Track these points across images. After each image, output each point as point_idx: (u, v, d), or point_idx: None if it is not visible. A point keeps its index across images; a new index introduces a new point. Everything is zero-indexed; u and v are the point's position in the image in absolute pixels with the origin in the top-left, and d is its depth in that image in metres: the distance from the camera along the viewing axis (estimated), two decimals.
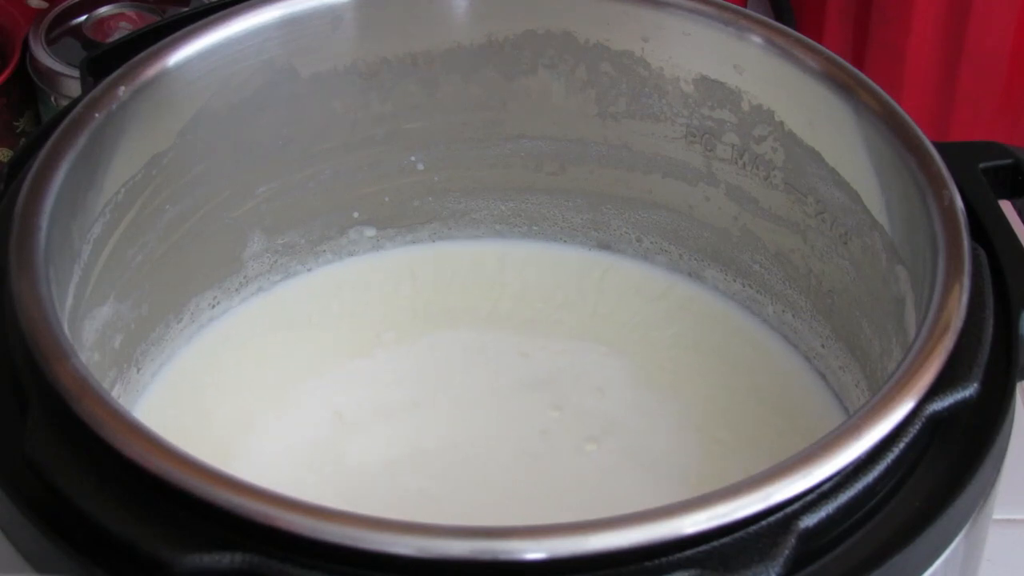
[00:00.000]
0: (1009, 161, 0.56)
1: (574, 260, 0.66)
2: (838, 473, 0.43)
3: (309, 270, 0.65)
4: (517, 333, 0.63)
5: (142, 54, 0.56)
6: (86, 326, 0.54)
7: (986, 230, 0.53)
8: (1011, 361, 0.49)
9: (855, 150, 0.56)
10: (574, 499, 0.56)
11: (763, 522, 0.42)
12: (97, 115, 0.53)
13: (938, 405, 0.46)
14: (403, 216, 0.66)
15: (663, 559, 0.42)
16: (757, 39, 0.58)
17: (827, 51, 0.56)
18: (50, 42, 0.81)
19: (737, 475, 0.43)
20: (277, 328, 0.63)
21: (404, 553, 0.41)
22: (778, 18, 0.88)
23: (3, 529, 0.45)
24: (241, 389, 0.60)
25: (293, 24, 0.59)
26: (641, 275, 0.65)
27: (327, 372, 0.61)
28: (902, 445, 0.45)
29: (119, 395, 0.58)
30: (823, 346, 0.61)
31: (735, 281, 0.64)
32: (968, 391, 0.47)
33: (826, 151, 0.57)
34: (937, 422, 0.47)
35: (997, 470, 0.48)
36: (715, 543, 0.42)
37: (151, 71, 0.56)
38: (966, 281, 0.48)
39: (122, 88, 0.55)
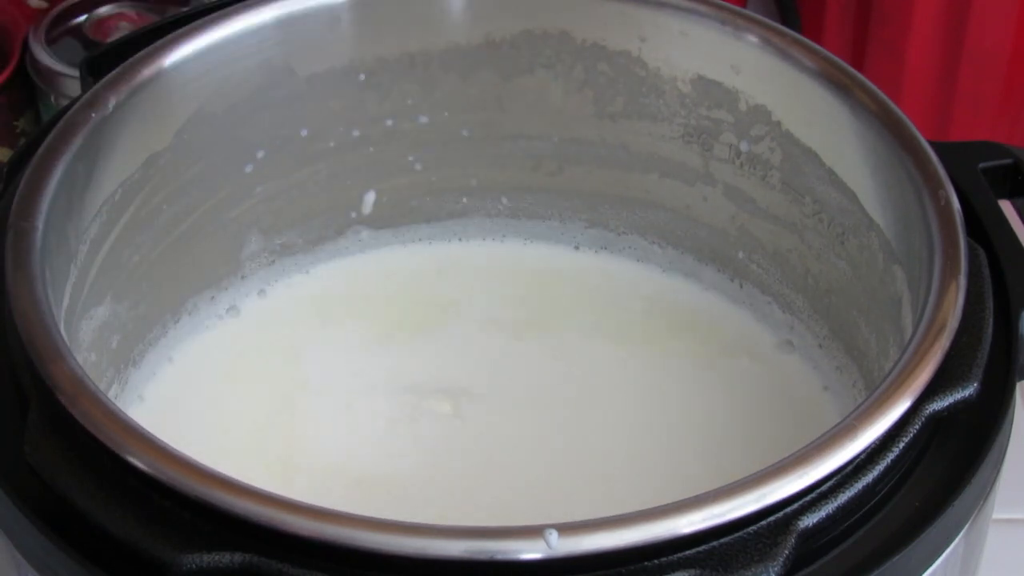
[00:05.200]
0: (1009, 161, 0.56)
1: (571, 259, 0.66)
2: (835, 473, 0.43)
3: (307, 271, 0.65)
4: (514, 332, 0.63)
5: (139, 54, 0.56)
6: (83, 326, 0.54)
7: (986, 230, 0.53)
8: (1011, 361, 0.49)
9: (852, 150, 0.56)
10: (572, 499, 0.56)
11: (762, 522, 0.42)
12: (94, 115, 0.53)
13: (938, 405, 0.46)
14: (401, 216, 0.66)
15: (662, 559, 0.42)
16: (754, 39, 0.58)
17: (824, 51, 0.57)
18: (50, 42, 0.81)
19: (735, 475, 0.43)
20: (274, 329, 0.63)
21: (402, 553, 0.41)
22: (783, 20, 0.88)
23: (3, 529, 0.45)
24: (238, 389, 0.60)
25: (291, 24, 0.59)
26: (638, 274, 0.65)
27: (324, 372, 0.61)
28: (901, 445, 0.45)
29: (116, 396, 0.58)
30: (820, 346, 0.61)
31: (732, 281, 0.64)
32: (968, 391, 0.47)
33: (823, 151, 0.57)
34: (937, 422, 0.47)
35: (997, 470, 0.48)
36: (714, 543, 0.42)
37: (148, 71, 0.56)
38: (962, 280, 0.48)
39: (119, 88, 0.55)
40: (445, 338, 0.63)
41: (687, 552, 0.42)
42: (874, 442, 0.44)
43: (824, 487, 0.43)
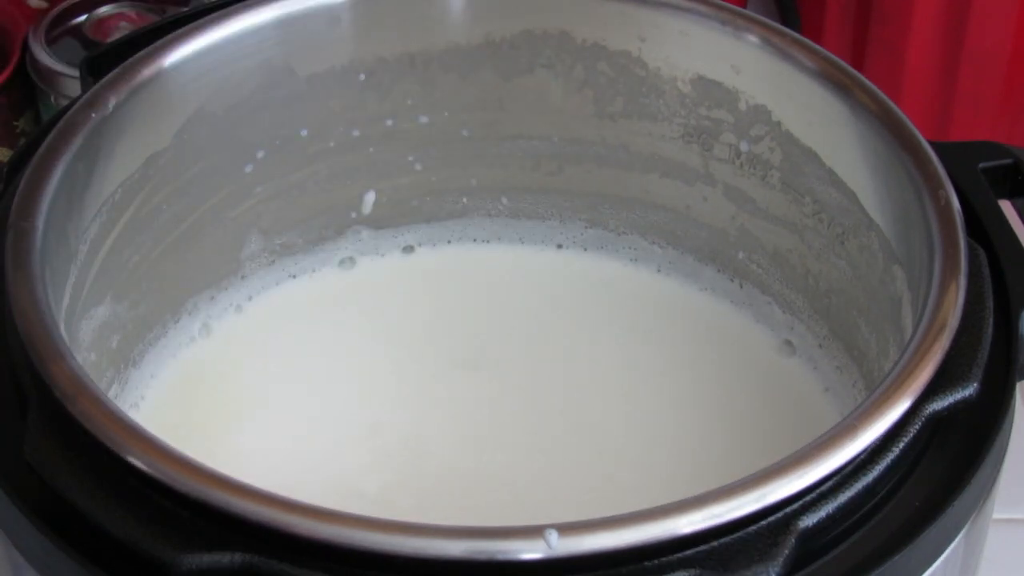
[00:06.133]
0: (1009, 161, 0.56)
1: (571, 260, 0.66)
2: (834, 473, 0.43)
3: (307, 271, 0.65)
4: (514, 332, 0.63)
5: (139, 54, 0.56)
6: (83, 326, 0.54)
7: (986, 230, 0.53)
8: (1011, 361, 0.49)
9: (852, 150, 0.56)
10: (571, 500, 0.56)
11: (763, 522, 0.42)
12: (94, 115, 0.53)
13: (938, 405, 0.46)
14: (401, 216, 0.66)
15: (662, 559, 0.42)
16: (754, 39, 0.58)
17: (824, 51, 0.57)
18: (50, 42, 0.81)
19: (735, 475, 0.43)
20: (274, 328, 0.63)
21: (402, 553, 0.41)
22: (783, 20, 0.88)
23: (3, 529, 0.45)
24: (238, 390, 0.60)
25: (291, 24, 0.59)
26: (638, 275, 0.65)
27: (325, 372, 0.61)
28: (901, 445, 0.45)
29: (116, 395, 0.58)
30: (820, 346, 0.61)
31: (732, 281, 0.64)
32: (968, 391, 0.47)
33: (823, 151, 0.57)
34: (937, 422, 0.47)
35: (997, 470, 0.48)
36: (714, 543, 0.42)
37: (148, 71, 0.56)
38: (962, 280, 0.48)
39: (119, 88, 0.55)
40: (445, 337, 0.63)
41: (687, 552, 0.42)
42: (874, 442, 0.44)
43: (824, 487, 0.43)
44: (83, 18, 0.83)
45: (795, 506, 0.43)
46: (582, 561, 0.41)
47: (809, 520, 0.43)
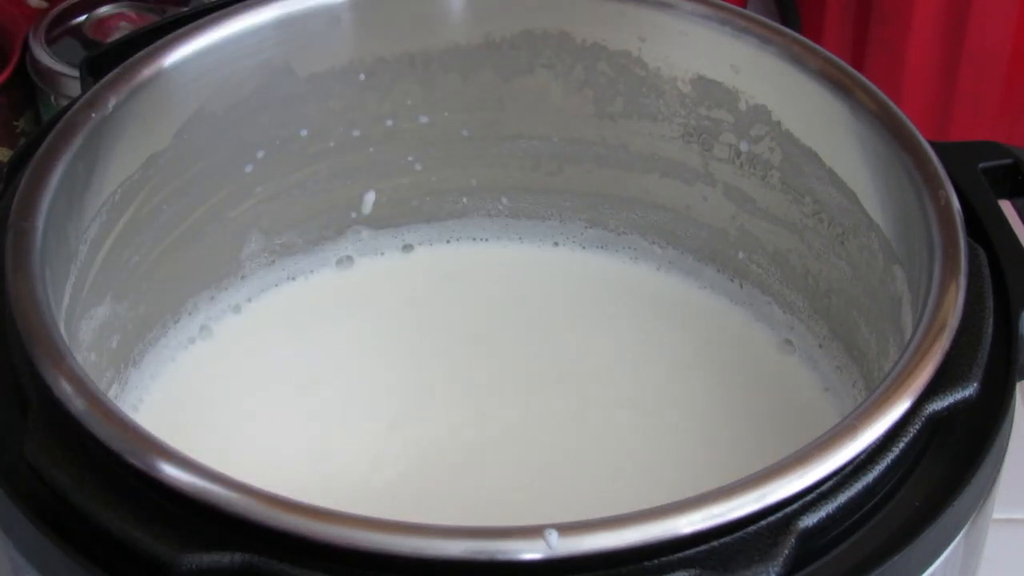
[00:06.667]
0: (1009, 161, 0.56)
1: (571, 260, 0.66)
2: (834, 473, 0.43)
3: (307, 271, 0.65)
4: (514, 333, 0.63)
5: (139, 54, 0.56)
6: (83, 326, 0.54)
7: (986, 230, 0.53)
8: (1011, 361, 0.49)
9: (852, 150, 0.56)
10: (572, 499, 0.56)
11: (762, 522, 0.42)
12: (94, 115, 0.53)
13: (938, 405, 0.46)
14: (401, 216, 0.66)
15: (662, 559, 0.42)
16: (754, 39, 0.58)
17: (824, 51, 0.57)
18: (50, 42, 0.81)
19: (735, 475, 0.43)
20: (275, 328, 0.63)
21: (402, 553, 0.41)
22: (783, 20, 0.88)
23: (3, 529, 0.45)
24: (238, 389, 0.60)
25: (291, 24, 0.59)
26: (638, 275, 0.65)
27: (326, 372, 0.61)
28: (901, 445, 0.45)
29: (116, 396, 0.58)
30: (821, 346, 0.61)
31: (732, 281, 0.64)
32: (968, 391, 0.47)
33: (823, 151, 0.57)
34: (937, 422, 0.47)
35: (997, 470, 0.48)
36: (714, 543, 0.42)
37: (148, 71, 0.56)
38: (962, 280, 0.48)
39: (119, 88, 0.55)
40: (445, 337, 0.63)
41: (687, 552, 0.42)
42: (874, 442, 0.44)
43: (824, 487, 0.43)
44: (83, 18, 0.83)
45: (795, 506, 0.43)
46: (582, 561, 0.41)
47: (809, 520, 0.43)
